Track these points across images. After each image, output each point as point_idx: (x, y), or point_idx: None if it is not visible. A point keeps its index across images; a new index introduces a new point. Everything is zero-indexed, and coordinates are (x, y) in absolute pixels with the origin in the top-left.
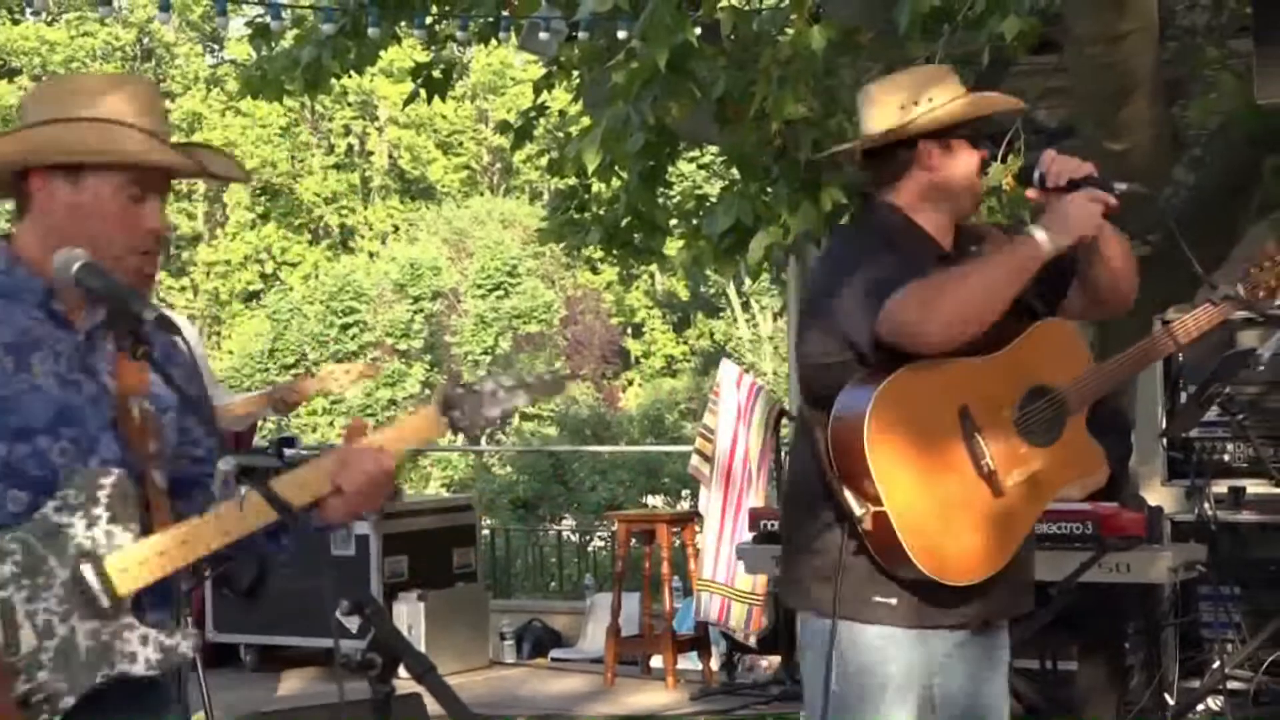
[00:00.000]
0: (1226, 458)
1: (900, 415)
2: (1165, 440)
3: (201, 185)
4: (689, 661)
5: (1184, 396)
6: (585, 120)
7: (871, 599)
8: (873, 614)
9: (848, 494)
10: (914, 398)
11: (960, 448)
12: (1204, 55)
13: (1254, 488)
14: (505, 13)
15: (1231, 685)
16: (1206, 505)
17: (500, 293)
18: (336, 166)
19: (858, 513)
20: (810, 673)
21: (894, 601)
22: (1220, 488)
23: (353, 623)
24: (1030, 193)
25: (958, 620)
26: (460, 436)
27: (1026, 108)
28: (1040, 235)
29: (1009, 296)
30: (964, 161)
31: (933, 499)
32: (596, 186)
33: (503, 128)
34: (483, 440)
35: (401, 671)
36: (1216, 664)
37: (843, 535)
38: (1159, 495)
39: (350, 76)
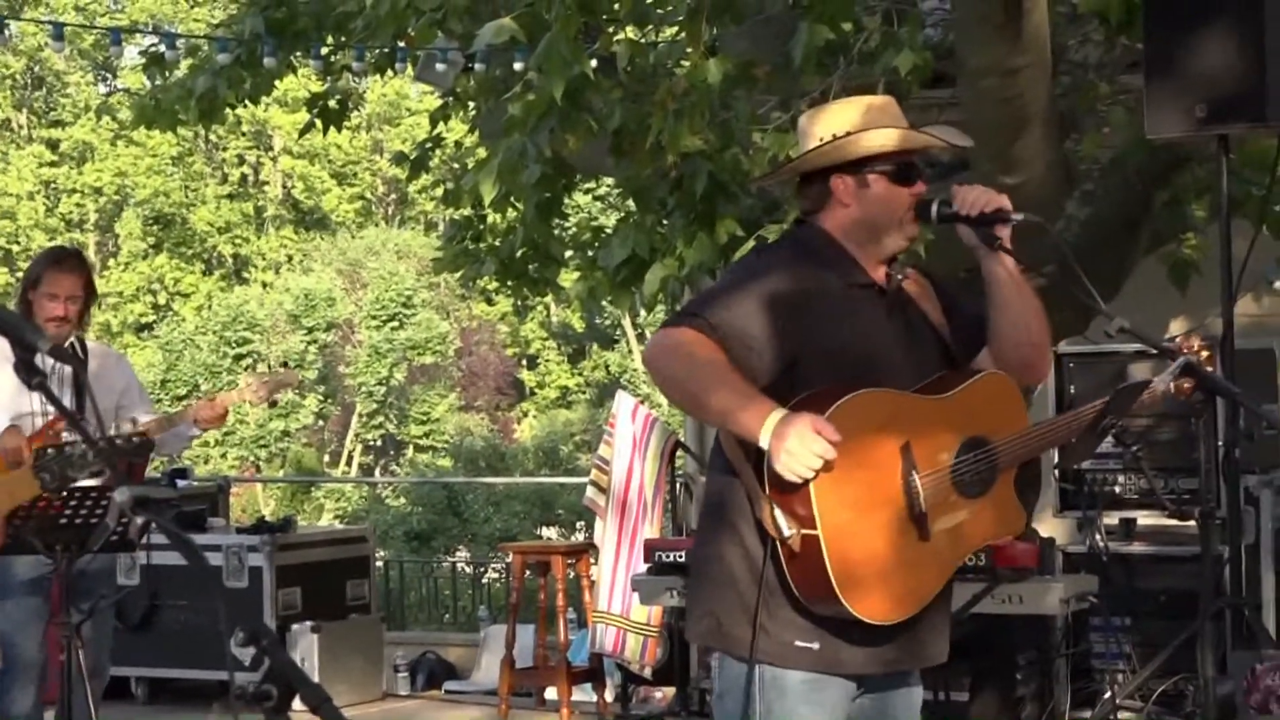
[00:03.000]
0: (1118, 489)
1: (848, 437)
2: (1057, 472)
3: (92, 215)
4: (584, 693)
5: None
6: (481, 152)
7: (794, 643)
8: (796, 659)
9: (777, 513)
10: (864, 422)
11: (897, 484)
12: (1096, 90)
13: (1145, 519)
14: (402, 44)
15: (1123, 715)
16: (1098, 537)
17: (395, 324)
18: (230, 196)
19: (786, 533)
20: (728, 717)
21: (816, 646)
22: (1111, 519)
23: (247, 654)
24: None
25: (877, 666)
26: (354, 468)
27: (967, 144)
28: (765, 436)
29: (706, 420)
30: (882, 197)
31: (864, 530)
32: (492, 218)
33: (398, 159)
34: (376, 471)
35: (297, 703)
36: (1108, 694)
37: (764, 563)
38: (1051, 527)
39: (245, 106)
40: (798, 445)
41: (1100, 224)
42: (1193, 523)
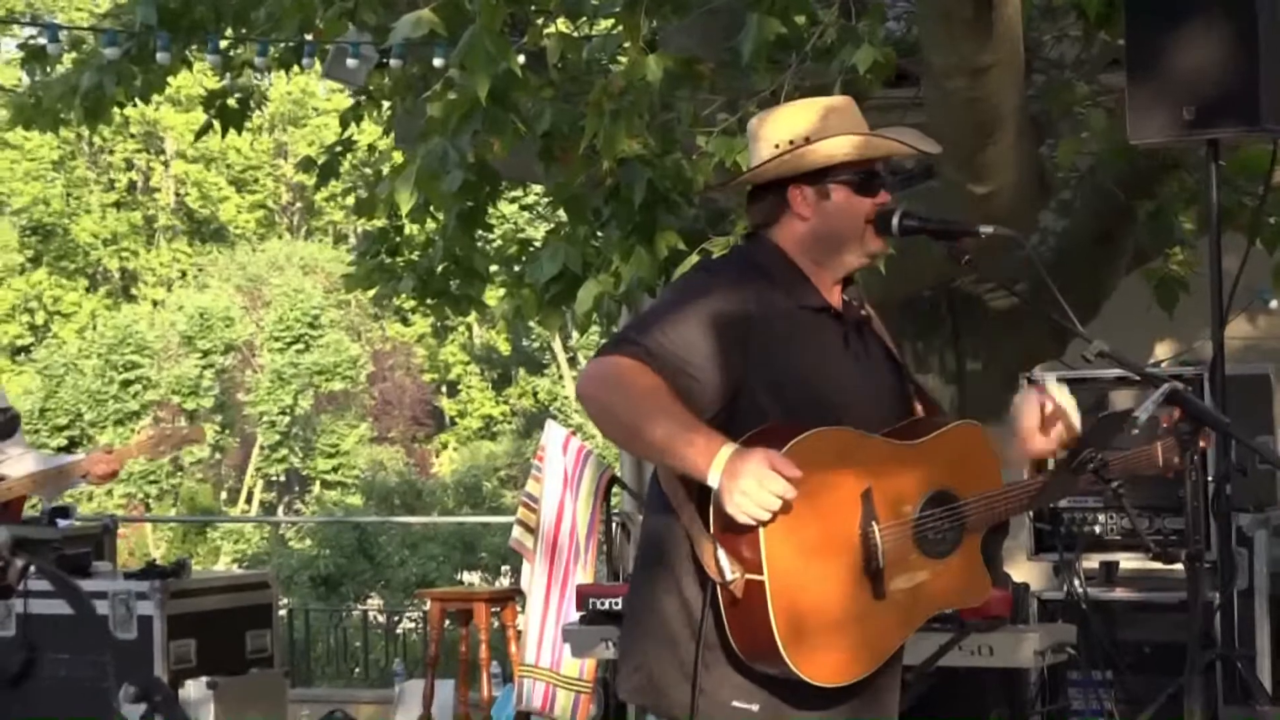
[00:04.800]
0: (1098, 529)
1: (804, 477)
2: (1032, 511)
3: None
4: None
5: (1052, 463)
6: (397, 156)
7: (730, 703)
8: None
9: (720, 553)
10: (822, 463)
11: (854, 534)
12: (1073, 91)
13: (1128, 562)
14: (309, 37)
15: None
16: (1076, 582)
17: (300, 346)
18: (117, 205)
19: (729, 575)
20: None
21: (755, 707)
22: (1091, 563)
23: (136, 712)
24: None
25: None
26: (254, 507)
27: (934, 150)
28: (714, 477)
29: (646, 456)
30: (843, 209)
31: (813, 581)
32: (409, 229)
33: (304, 164)
34: (279, 510)
35: None
36: None
37: (702, 609)
38: (1024, 571)
39: (134, 105)
40: (753, 485)
41: (1078, 237)
42: (1180, 566)
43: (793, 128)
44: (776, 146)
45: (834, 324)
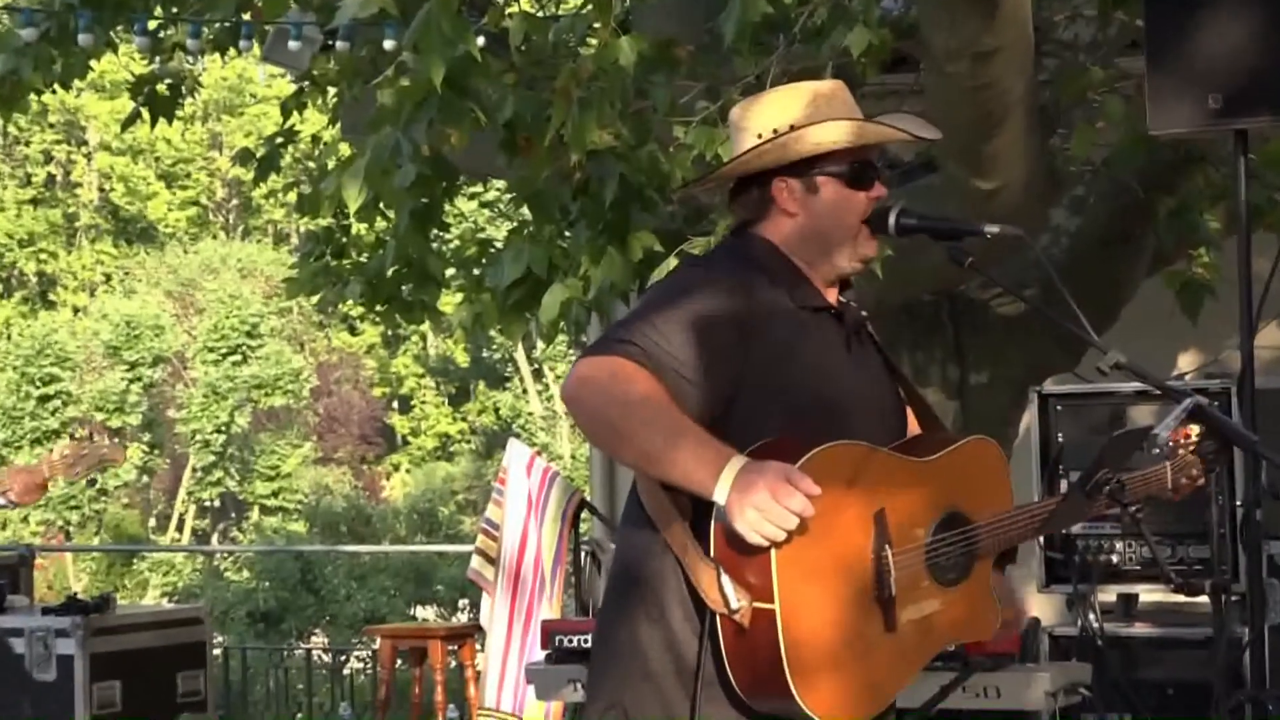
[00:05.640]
0: (1115, 559)
1: (820, 496)
2: (1042, 539)
3: None
4: None
5: (1065, 485)
6: (344, 148)
7: None
8: None
9: (724, 579)
10: (836, 480)
11: (866, 559)
12: (1087, 76)
13: (1148, 595)
14: (247, 17)
15: None
16: (1091, 616)
17: (236, 358)
18: (34, 201)
19: (734, 604)
20: None
21: None
22: (1108, 595)
23: None
24: None
25: None
26: (186, 535)
27: (934, 136)
28: (721, 493)
29: (644, 469)
30: (833, 204)
31: (823, 610)
32: (357, 228)
33: (242, 156)
34: (214, 538)
35: None
36: None
37: (701, 641)
38: (1035, 604)
39: (53, 92)
40: (768, 501)
41: (1092, 237)
42: (1205, 599)
43: (778, 115)
44: (760, 136)
45: (836, 325)
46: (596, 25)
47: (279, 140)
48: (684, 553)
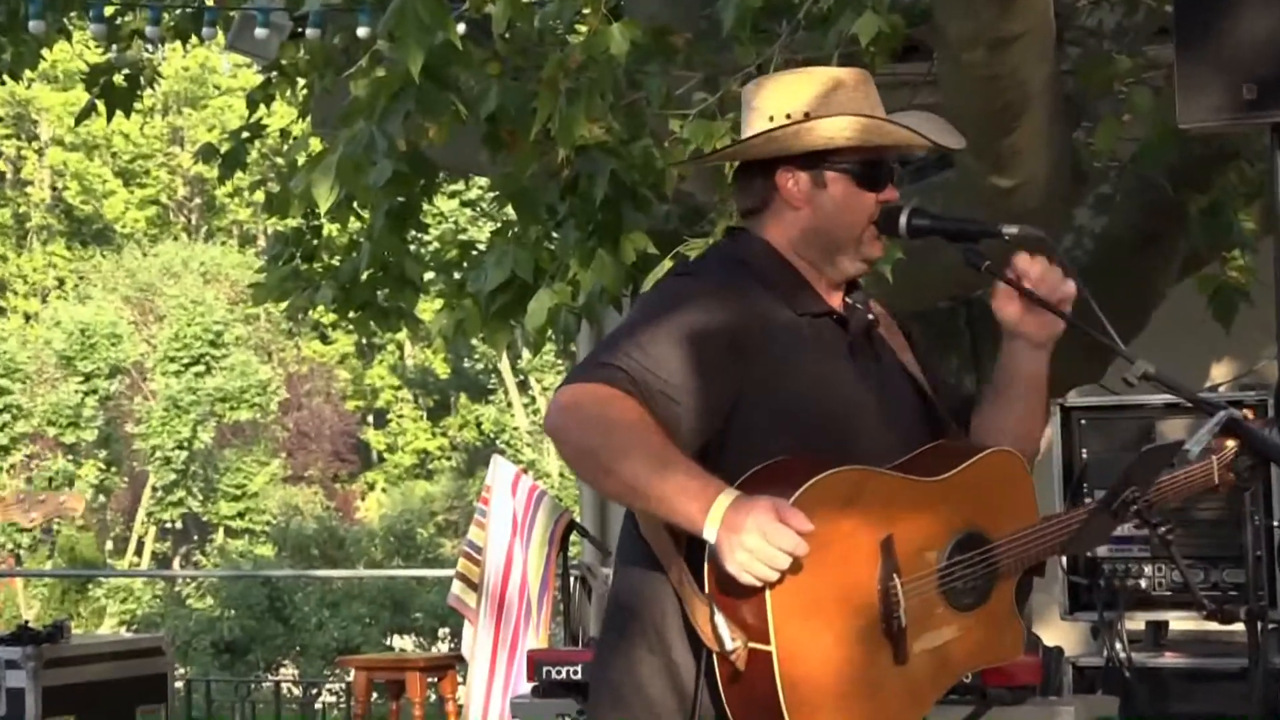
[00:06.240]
0: (1144, 584)
1: (818, 527)
2: (1065, 563)
3: None
4: None
5: (1090, 503)
6: (315, 144)
7: None
8: None
9: (718, 619)
10: (837, 508)
11: (873, 590)
12: (1113, 65)
13: (1179, 623)
14: (210, 2)
15: None
16: (1119, 646)
17: (200, 368)
18: None
19: (729, 645)
20: None
21: None
22: (1136, 623)
23: None
24: (1002, 304)
25: None
26: (145, 559)
27: (958, 144)
28: (710, 530)
29: (630, 503)
30: (840, 203)
31: (826, 649)
32: (329, 229)
33: (205, 152)
34: (175, 563)
35: None
36: None
37: (696, 682)
38: (1058, 633)
39: (3, 83)
40: (758, 541)
41: (1119, 239)
42: (1240, 627)
43: (792, 99)
44: (771, 119)
45: (838, 331)
46: (586, 11)
47: (245, 135)
48: (680, 585)
